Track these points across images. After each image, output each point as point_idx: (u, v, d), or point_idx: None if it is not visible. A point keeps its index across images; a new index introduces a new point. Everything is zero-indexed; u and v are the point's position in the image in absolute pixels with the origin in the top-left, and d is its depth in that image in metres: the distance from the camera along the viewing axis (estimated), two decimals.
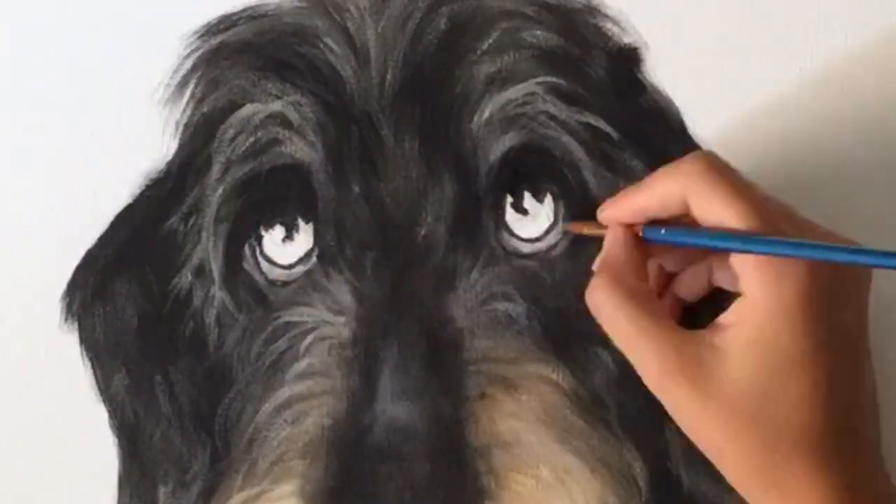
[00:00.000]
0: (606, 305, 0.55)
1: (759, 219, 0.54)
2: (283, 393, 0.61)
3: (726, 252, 0.55)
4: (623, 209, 0.58)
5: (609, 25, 0.68)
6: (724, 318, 0.55)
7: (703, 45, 0.69)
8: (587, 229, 0.61)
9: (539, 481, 0.59)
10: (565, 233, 0.64)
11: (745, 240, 0.54)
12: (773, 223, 0.54)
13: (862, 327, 0.57)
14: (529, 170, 0.63)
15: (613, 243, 0.58)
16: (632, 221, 0.58)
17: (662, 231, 0.57)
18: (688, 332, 0.55)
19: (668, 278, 0.61)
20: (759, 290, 0.53)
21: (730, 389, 0.53)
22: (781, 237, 0.54)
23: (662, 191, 0.57)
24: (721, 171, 0.55)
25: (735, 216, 0.54)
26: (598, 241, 0.60)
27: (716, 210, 0.55)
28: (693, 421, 0.54)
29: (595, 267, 0.59)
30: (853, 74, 0.68)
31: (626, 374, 0.64)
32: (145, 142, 0.69)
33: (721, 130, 0.68)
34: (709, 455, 0.55)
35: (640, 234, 0.58)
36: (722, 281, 0.58)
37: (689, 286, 0.60)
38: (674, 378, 0.54)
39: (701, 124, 0.68)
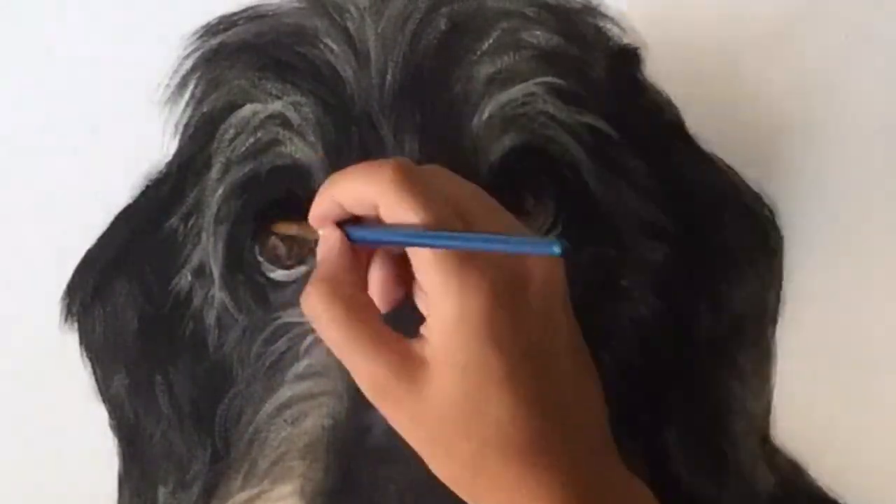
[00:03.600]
0: (320, 314, 0.54)
1: (431, 215, 0.53)
2: (283, 393, 0.61)
3: (415, 258, 0.54)
4: (328, 205, 0.56)
5: (609, 26, 0.68)
6: (426, 327, 0.54)
7: (703, 45, 0.69)
8: (295, 230, 0.61)
9: None
10: (562, 233, 0.64)
11: (421, 235, 0.53)
12: (444, 218, 0.53)
13: (563, 332, 0.56)
14: (529, 170, 0.63)
15: (327, 248, 0.56)
16: (337, 216, 0.56)
17: (362, 232, 0.56)
18: (404, 343, 0.54)
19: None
20: (443, 310, 0.53)
21: (437, 408, 0.53)
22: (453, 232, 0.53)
23: (358, 194, 0.55)
24: (410, 181, 0.54)
25: (410, 216, 0.53)
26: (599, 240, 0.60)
27: (396, 213, 0.54)
28: (410, 437, 0.54)
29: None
30: (853, 74, 0.68)
31: (626, 375, 0.65)
32: (145, 142, 0.69)
33: (722, 131, 0.68)
34: (432, 468, 0.54)
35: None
36: (419, 300, 0.56)
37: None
38: (383, 396, 0.54)
39: (701, 124, 0.68)
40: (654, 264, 0.66)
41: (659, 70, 0.68)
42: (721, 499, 0.69)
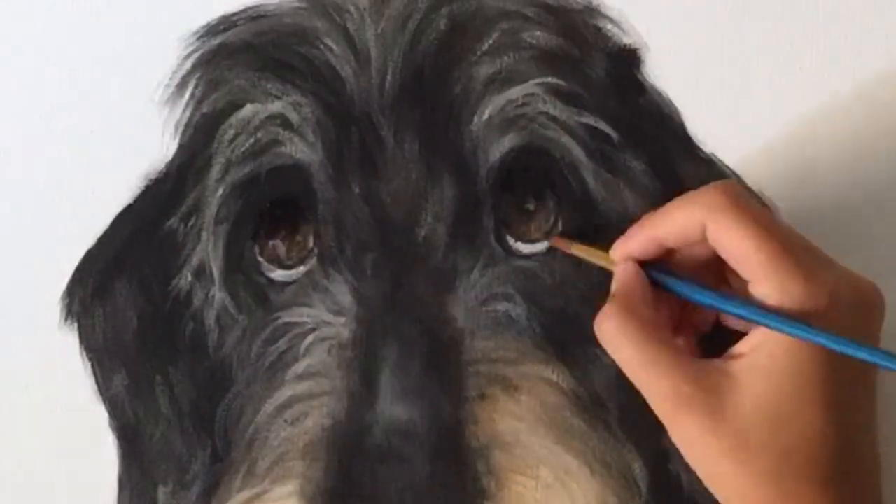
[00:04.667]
0: (616, 335, 0.55)
1: (781, 251, 0.54)
2: (283, 393, 0.61)
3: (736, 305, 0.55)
4: (642, 242, 0.58)
5: (609, 26, 0.68)
6: (738, 347, 0.55)
7: (703, 45, 0.69)
8: (577, 251, 0.62)
9: (539, 482, 0.59)
10: (562, 234, 0.64)
11: (760, 312, 0.54)
12: (794, 254, 0.54)
13: (870, 368, 0.56)
14: (529, 170, 0.63)
15: (626, 274, 0.58)
16: (649, 253, 0.58)
17: (670, 280, 0.57)
18: (702, 362, 0.55)
19: (684, 309, 0.60)
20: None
21: (742, 417, 0.53)
22: (797, 320, 0.53)
23: (683, 221, 0.56)
24: (743, 202, 0.55)
25: (755, 248, 0.54)
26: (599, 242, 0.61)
27: (736, 242, 0.55)
28: (704, 451, 0.54)
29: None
30: (853, 74, 0.68)
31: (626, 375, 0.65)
32: (145, 142, 0.69)
33: (722, 131, 0.68)
34: (715, 487, 0.54)
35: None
36: (729, 319, 0.58)
37: (702, 318, 0.60)
38: (686, 409, 0.54)
39: (701, 124, 0.68)
40: None
41: (659, 70, 0.68)
42: None
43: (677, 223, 0.56)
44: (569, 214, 0.64)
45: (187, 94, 0.68)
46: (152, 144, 0.69)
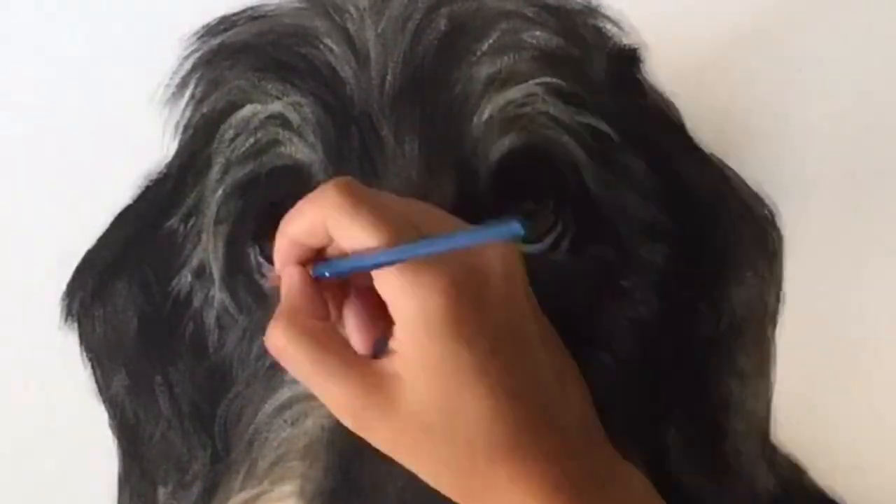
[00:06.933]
0: (286, 349, 0.54)
1: (387, 231, 0.53)
2: (283, 394, 0.61)
3: (376, 271, 0.53)
4: (286, 246, 0.56)
5: (609, 26, 0.68)
6: (391, 343, 0.54)
7: (703, 45, 0.69)
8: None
9: None
10: (562, 234, 0.64)
11: (384, 253, 0.52)
12: (401, 231, 0.53)
13: (530, 321, 0.55)
14: (529, 171, 0.63)
15: (289, 286, 0.56)
16: (303, 254, 0.56)
17: (326, 266, 0.56)
18: (373, 365, 0.54)
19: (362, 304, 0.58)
20: (405, 313, 0.52)
21: (415, 414, 0.53)
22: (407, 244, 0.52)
23: (308, 221, 0.55)
24: (355, 196, 0.54)
25: (366, 236, 0.53)
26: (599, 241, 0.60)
27: (350, 240, 0.54)
28: (398, 452, 0.54)
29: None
30: (852, 74, 0.68)
31: (626, 375, 0.65)
32: (145, 142, 0.69)
33: (721, 131, 0.68)
34: (425, 480, 0.54)
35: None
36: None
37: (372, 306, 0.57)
38: (360, 418, 0.54)
39: (701, 124, 0.68)
40: (655, 265, 0.66)
41: (659, 70, 0.68)
42: (721, 499, 0.69)
43: (305, 223, 0.55)
44: (569, 214, 0.64)
45: (187, 95, 0.68)
46: (152, 145, 0.69)
